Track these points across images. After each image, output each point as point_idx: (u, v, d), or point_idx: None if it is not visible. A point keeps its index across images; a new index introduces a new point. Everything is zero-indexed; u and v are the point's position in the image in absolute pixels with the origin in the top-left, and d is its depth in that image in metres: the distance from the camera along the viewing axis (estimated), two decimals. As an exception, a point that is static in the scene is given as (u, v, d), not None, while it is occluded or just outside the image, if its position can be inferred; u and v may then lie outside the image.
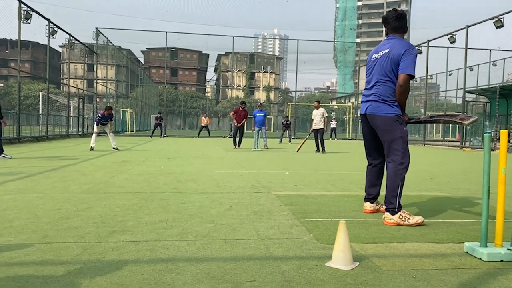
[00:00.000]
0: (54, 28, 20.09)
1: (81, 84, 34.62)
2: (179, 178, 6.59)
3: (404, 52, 3.73)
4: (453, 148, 20.95)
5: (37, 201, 4.43)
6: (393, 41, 3.91)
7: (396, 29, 3.99)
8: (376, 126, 3.91)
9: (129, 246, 2.88)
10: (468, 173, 8.62)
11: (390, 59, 3.78)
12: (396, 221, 3.68)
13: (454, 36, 21.73)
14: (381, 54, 3.91)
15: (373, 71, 3.97)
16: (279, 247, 2.94)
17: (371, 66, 4.02)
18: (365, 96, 4.06)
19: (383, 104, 3.83)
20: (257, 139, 15.86)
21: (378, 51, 4.00)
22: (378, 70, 3.89)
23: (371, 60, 4.06)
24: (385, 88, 3.83)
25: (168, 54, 49.61)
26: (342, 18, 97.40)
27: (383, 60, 3.85)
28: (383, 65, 3.83)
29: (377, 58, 3.96)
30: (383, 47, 3.97)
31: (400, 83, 3.73)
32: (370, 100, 3.94)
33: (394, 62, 3.76)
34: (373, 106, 3.89)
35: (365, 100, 4.04)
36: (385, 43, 3.99)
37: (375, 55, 4.02)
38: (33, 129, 19.80)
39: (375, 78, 3.92)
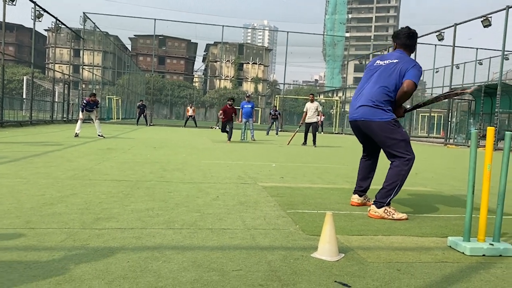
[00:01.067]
0: (40, 11, 19.68)
1: (66, 69, 34.09)
2: (166, 167, 6.55)
3: (412, 66, 3.75)
4: (437, 145, 21.23)
5: (21, 186, 4.36)
6: (402, 55, 3.91)
7: (406, 46, 4.00)
8: (373, 132, 3.84)
9: (114, 233, 2.86)
10: (452, 169, 8.75)
11: (397, 70, 3.76)
12: (381, 215, 3.71)
13: (442, 33, 21.91)
14: (388, 63, 3.87)
15: (373, 77, 3.90)
16: (265, 237, 2.95)
17: (373, 70, 3.95)
18: (355, 101, 3.97)
19: (376, 109, 3.77)
20: (244, 131, 15.83)
21: (384, 59, 3.96)
22: (380, 75, 3.84)
23: (373, 65, 3.99)
24: (379, 93, 3.78)
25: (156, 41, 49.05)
26: (332, 12, 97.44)
27: (389, 69, 3.81)
28: (387, 73, 3.80)
29: (380, 65, 3.90)
30: (390, 56, 3.95)
31: (405, 89, 3.69)
32: (364, 105, 3.84)
33: (400, 75, 3.74)
34: (367, 111, 3.81)
35: (355, 105, 3.93)
36: (393, 54, 3.96)
37: (379, 61, 3.97)
38: (16, 113, 19.47)
39: (374, 82, 3.85)
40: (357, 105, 3.90)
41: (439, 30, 22.14)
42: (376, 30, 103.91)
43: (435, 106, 43.09)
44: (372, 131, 3.83)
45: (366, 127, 3.86)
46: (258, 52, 78.57)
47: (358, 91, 3.99)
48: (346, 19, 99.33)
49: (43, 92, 27.35)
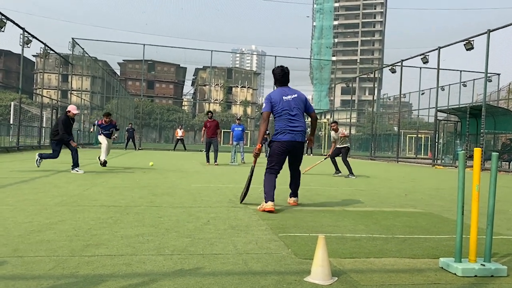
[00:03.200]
0: (28, 37, 19.72)
1: (55, 94, 33.96)
2: (155, 192, 6.51)
3: (306, 98, 5.56)
4: (425, 166, 21.41)
5: (8, 214, 4.28)
6: (293, 90, 5.50)
7: (285, 82, 5.54)
8: (299, 150, 5.44)
9: (104, 260, 2.82)
10: (441, 190, 8.81)
11: (302, 103, 5.43)
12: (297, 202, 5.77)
13: (427, 56, 22.39)
14: (293, 97, 5.36)
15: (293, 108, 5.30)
16: (257, 262, 2.92)
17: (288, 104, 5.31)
18: (291, 127, 5.27)
19: (303, 134, 5.36)
20: (234, 153, 15.82)
21: (287, 94, 5.38)
22: (297, 108, 5.33)
23: (284, 100, 5.31)
24: (304, 122, 5.41)
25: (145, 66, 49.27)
26: (318, 36, 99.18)
27: (297, 102, 5.37)
28: (299, 106, 5.37)
29: (291, 99, 5.33)
30: (290, 92, 5.43)
31: (316, 117, 5.64)
32: (300, 131, 5.30)
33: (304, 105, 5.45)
34: (301, 135, 5.30)
35: (293, 129, 5.27)
36: (290, 90, 5.47)
37: (285, 97, 5.34)
38: (3, 139, 19.25)
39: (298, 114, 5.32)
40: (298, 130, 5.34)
41: (423, 53, 22.62)
42: (362, 54, 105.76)
43: (422, 127, 43.67)
44: (299, 150, 5.49)
45: (298, 146, 5.43)
46: (247, 76, 79.31)
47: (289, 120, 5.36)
48: (332, 43, 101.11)
49: (30, 117, 27.19)
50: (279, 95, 5.34)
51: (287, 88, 5.47)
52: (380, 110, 46.99)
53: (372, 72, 35.68)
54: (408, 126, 48.52)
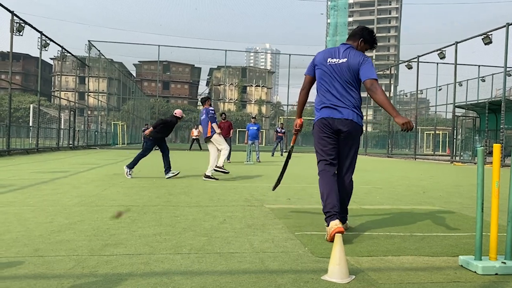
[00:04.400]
0: (46, 41, 20.07)
1: (72, 96, 34.49)
2: (171, 191, 6.56)
3: (362, 61, 3.70)
4: (443, 163, 21.11)
5: (29, 214, 4.37)
6: (348, 50, 3.82)
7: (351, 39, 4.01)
8: (349, 134, 3.70)
9: (122, 259, 2.85)
10: (460, 187, 8.68)
11: (350, 70, 3.69)
12: (344, 228, 3.61)
13: (444, 52, 22.07)
14: (339, 62, 3.74)
15: (335, 77, 3.72)
16: (274, 260, 2.92)
17: (330, 71, 3.75)
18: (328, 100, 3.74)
19: (354, 112, 3.71)
20: (249, 152, 15.85)
21: (334, 56, 3.79)
22: (341, 77, 3.71)
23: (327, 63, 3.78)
24: (354, 96, 3.73)
25: (160, 67, 49.71)
26: (333, 33, 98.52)
27: (344, 69, 3.71)
28: (346, 74, 3.70)
29: (335, 64, 3.74)
30: (338, 54, 3.81)
31: (379, 90, 3.60)
32: (342, 106, 3.68)
33: (354, 72, 3.69)
34: (347, 112, 3.67)
35: (332, 104, 3.71)
36: (340, 51, 3.83)
37: (330, 59, 3.78)
38: (23, 141, 19.62)
39: (341, 85, 3.71)
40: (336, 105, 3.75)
41: (440, 49, 22.31)
42: (378, 50, 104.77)
43: (440, 124, 43.05)
44: (349, 134, 3.74)
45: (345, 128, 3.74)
46: (261, 74, 79.32)
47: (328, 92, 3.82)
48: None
49: (49, 119, 27.65)
50: (325, 55, 3.84)
51: (343, 47, 3.85)
52: (396, 107, 46.50)
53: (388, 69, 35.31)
54: (425, 122, 47.95)
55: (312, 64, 3.92)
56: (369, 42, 3.95)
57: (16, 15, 16.45)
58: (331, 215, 3.50)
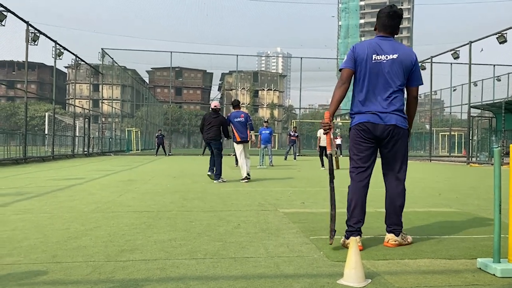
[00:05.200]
0: (60, 50, 20.39)
1: (86, 104, 34.95)
2: (186, 196, 6.59)
3: (415, 61, 3.46)
4: (459, 164, 20.84)
5: (46, 221, 4.43)
6: (394, 44, 3.50)
7: (386, 27, 3.56)
8: (394, 139, 3.43)
9: (139, 265, 2.87)
10: (476, 188, 8.55)
11: (402, 68, 3.41)
12: (400, 242, 3.49)
13: (458, 52, 21.84)
14: (387, 59, 3.41)
15: (382, 76, 3.41)
16: (289, 265, 2.92)
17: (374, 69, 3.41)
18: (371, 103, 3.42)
19: (399, 115, 3.43)
20: (262, 156, 15.86)
21: (380, 52, 3.44)
22: (389, 77, 3.41)
23: (370, 59, 3.42)
24: (399, 98, 3.45)
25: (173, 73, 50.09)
26: (344, 35, 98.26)
27: (394, 66, 3.40)
28: (396, 73, 3.41)
29: (381, 61, 3.41)
30: (385, 49, 3.45)
31: (415, 95, 3.57)
32: (385, 112, 3.39)
33: (406, 71, 3.43)
34: (389, 116, 3.39)
35: (374, 109, 3.41)
36: (385, 45, 3.47)
37: (376, 56, 3.43)
38: (39, 149, 19.93)
39: (387, 85, 3.42)
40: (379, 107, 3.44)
41: (454, 49, 22.08)
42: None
43: (455, 125, 42.53)
44: (393, 138, 3.44)
45: (388, 133, 3.43)
46: (273, 78, 79.37)
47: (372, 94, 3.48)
48: (359, 42, 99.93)
49: (64, 127, 28.04)
50: (369, 49, 3.45)
51: (388, 41, 3.46)
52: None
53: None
54: (440, 123, 47.42)
55: (352, 57, 3.49)
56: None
57: (31, 25, 16.75)
58: (353, 231, 3.39)
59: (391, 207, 3.54)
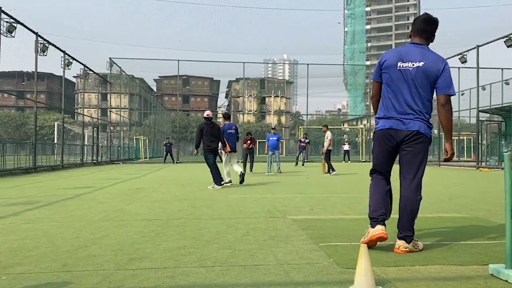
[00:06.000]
0: (69, 60, 20.61)
1: (95, 113, 35.22)
2: (194, 204, 6.59)
3: (443, 68, 3.46)
4: (469, 169, 20.66)
5: (56, 230, 4.46)
6: (423, 51, 3.54)
7: (422, 32, 3.62)
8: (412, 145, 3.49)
9: (148, 273, 2.88)
10: (487, 193, 8.47)
11: (426, 76, 3.45)
12: (411, 249, 3.47)
13: (465, 56, 21.74)
14: (413, 66, 3.47)
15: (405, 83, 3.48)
16: (299, 272, 2.90)
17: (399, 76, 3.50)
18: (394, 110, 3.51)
19: (422, 122, 3.49)
20: (270, 163, 15.86)
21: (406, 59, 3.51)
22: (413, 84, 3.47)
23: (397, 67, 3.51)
24: (424, 105, 3.50)
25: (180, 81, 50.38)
26: (351, 41, 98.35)
27: (419, 74, 3.46)
28: (420, 81, 3.46)
29: (406, 68, 3.48)
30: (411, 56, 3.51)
31: (449, 107, 3.52)
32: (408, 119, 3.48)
33: (432, 80, 3.46)
34: (412, 123, 3.47)
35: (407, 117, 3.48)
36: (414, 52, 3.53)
37: (401, 63, 3.50)
38: (48, 158, 20.07)
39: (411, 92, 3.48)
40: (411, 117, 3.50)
41: (461, 53, 21.99)
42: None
43: (464, 129, 42.23)
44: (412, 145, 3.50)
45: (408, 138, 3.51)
46: (280, 85, 79.49)
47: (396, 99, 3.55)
48: (365, 48, 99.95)
49: (73, 136, 28.27)
50: (395, 56, 3.54)
51: (417, 48, 3.53)
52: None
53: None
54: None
55: (379, 68, 3.62)
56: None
57: (40, 36, 16.97)
58: (376, 220, 3.52)
59: (403, 212, 3.59)
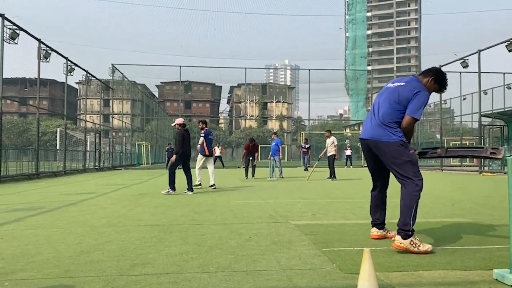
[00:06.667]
0: (71, 66, 20.68)
1: (97, 119, 35.30)
2: (196, 209, 6.59)
3: (416, 93, 3.79)
4: (472, 173, 20.60)
5: (58, 236, 4.46)
6: (412, 79, 4.01)
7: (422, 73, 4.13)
8: (381, 151, 3.90)
9: (151, 279, 2.87)
10: (490, 198, 8.44)
11: (402, 94, 3.85)
12: (406, 246, 3.59)
13: (466, 60, 21.73)
14: (396, 85, 3.97)
15: (384, 97, 3.98)
16: (302, 278, 2.89)
17: (383, 93, 4.06)
18: (368, 121, 4.07)
19: (385, 129, 3.84)
20: (272, 168, 15.84)
21: (395, 82, 4.08)
22: (388, 97, 3.94)
23: (385, 87, 4.13)
24: (390, 113, 3.86)
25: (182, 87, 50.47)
26: (352, 46, 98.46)
27: (396, 90, 3.91)
28: (394, 95, 3.89)
29: (390, 87, 4.02)
30: (400, 80, 4.05)
31: (403, 125, 3.81)
32: (374, 125, 3.94)
33: (404, 98, 3.81)
34: (376, 130, 3.90)
35: (368, 124, 4.04)
36: (404, 79, 4.06)
37: (390, 84, 4.09)
38: (51, 164, 20.09)
39: (384, 103, 3.93)
40: (368, 124, 4.02)
41: (462, 58, 21.99)
42: (398, 61, 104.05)
43: (466, 134, 42.18)
44: (380, 151, 3.89)
45: (374, 146, 3.94)
46: (281, 90, 79.66)
47: (371, 113, 4.08)
48: (367, 53, 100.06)
49: (75, 142, 28.31)
50: (389, 83, 4.20)
51: (411, 78, 4.11)
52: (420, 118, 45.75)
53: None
54: (451, 133, 47.01)
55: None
56: (439, 83, 4.05)
57: (43, 42, 17.05)
58: (371, 223, 4.25)
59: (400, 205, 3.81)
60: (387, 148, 3.82)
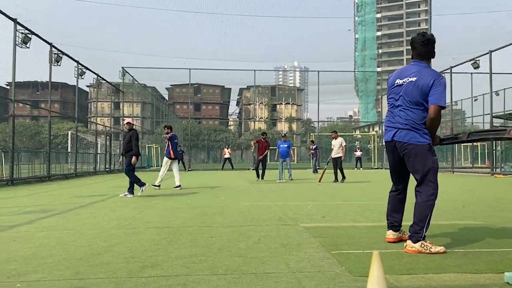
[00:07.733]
0: (82, 69, 20.88)
1: (108, 121, 35.58)
2: (206, 212, 6.61)
3: (433, 82, 3.67)
4: (483, 175, 20.38)
5: (69, 238, 4.50)
6: (419, 68, 3.83)
7: (422, 55, 3.89)
8: (407, 154, 3.79)
9: (160, 281, 2.89)
10: (502, 200, 8.34)
11: (419, 89, 3.71)
12: (418, 249, 3.63)
13: (478, 61, 21.53)
14: (407, 81, 3.81)
15: (399, 97, 3.85)
16: (311, 280, 2.89)
17: (396, 91, 3.90)
18: (390, 122, 3.94)
19: (414, 132, 3.75)
20: (281, 171, 15.82)
21: (403, 76, 3.88)
22: (405, 97, 3.79)
23: (394, 85, 3.94)
24: (415, 115, 3.75)
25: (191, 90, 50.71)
26: (362, 48, 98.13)
27: (410, 88, 3.76)
28: (411, 93, 3.75)
29: (402, 84, 3.84)
30: (407, 73, 3.87)
31: (431, 116, 3.68)
32: (400, 128, 3.81)
33: (423, 92, 3.69)
34: (403, 133, 3.79)
35: (391, 126, 3.91)
36: (410, 69, 3.88)
37: (399, 80, 3.91)
38: (62, 167, 20.30)
39: (403, 105, 3.80)
40: (391, 126, 3.92)
41: (473, 58, 21.79)
42: (408, 63, 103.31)
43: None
44: (407, 153, 3.79)
45: (402, 148, 3.82)
46: (290, 92, 79.55)
47: (391, 111, 3.98)
48: (376, 54, 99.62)
49: (86, 144, 28.52)
50: (395, 77, 4.01)
51: (413, 66, 3.91)
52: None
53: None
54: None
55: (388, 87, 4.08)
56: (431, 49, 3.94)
57: (54, 46, 17.24)
58: (388, 225, 4.17)
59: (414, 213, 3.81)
60: (415, 151, 3.75)
